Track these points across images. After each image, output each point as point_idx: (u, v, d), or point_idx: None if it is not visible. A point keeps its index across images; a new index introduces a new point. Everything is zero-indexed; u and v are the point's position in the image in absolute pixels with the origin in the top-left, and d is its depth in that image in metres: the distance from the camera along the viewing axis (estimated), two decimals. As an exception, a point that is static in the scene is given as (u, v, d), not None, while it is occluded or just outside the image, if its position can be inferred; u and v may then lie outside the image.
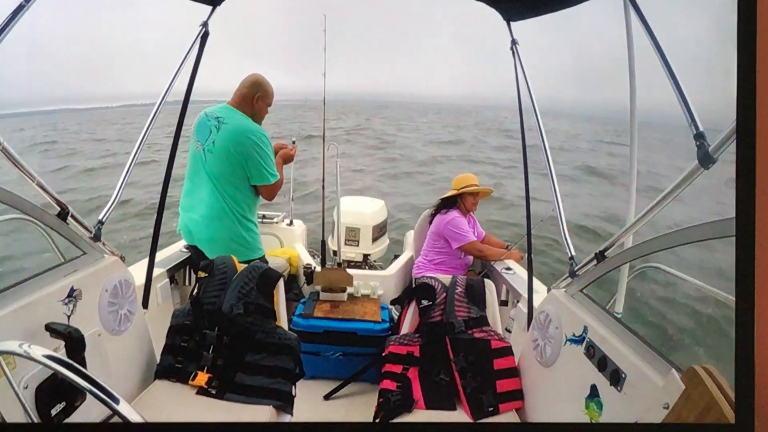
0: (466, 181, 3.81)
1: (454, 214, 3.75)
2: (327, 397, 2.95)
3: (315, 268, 3.64)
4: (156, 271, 2.91)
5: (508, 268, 3.57)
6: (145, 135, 2.47)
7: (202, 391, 2.14)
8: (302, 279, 3.76)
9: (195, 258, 2.95)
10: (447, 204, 3.85)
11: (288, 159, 3.21)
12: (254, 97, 2.84)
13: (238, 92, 2.86)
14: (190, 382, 2.17)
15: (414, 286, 2.63)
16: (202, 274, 2.39)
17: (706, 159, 1.40)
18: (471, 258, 3.93)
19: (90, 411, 1.69)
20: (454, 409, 2.22)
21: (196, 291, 2.36)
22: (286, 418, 2.16)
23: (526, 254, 2.88)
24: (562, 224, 2.39)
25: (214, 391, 2.14)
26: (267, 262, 2.78)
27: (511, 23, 2.80)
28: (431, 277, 2.54)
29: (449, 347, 2.34)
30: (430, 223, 3.92)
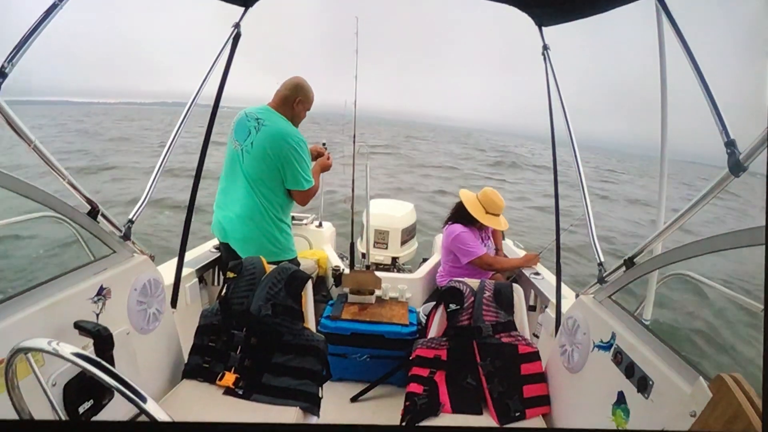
0: (490, 206, 3.54)
1: (459, 229, 3.54)
2: (354, 399, 2.96)
3: (343, 270, 3.65)
4: (185, 271, 2.95)
5: (537, 273, 3.53)
6: (176, 135, 2.47)
7: (229, 392, 2.17)
8: (331, 281, 3.78)
9: (225, 256, 2.97)
10: (459, 216, 3.64)
11: (326, 168, 3.20)
12: (295, 100, 2.86)
13: (280, 94, 2.87)
14: (217, 382, 2.20)
15: (442, 290, 2.61)
16: (231, 275, 2.42)
17: (736, 167, 1.39)
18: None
19: (117, 409, 1.72)
20: (480, 413, 2.22)
21: (224, 291, 2.40)
22: (313, 420, 2.18)
23: (555, 259, 2.84)
24: (591, 230, 2.37)
25: (241, 392, 2.17)
26: (299, 264, 2.80)
27: (543, 28, 2.79)
28: (459, 281, 2.53)
29: (476, 351, 2.34)
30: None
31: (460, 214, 3.61)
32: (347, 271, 3.60)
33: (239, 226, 2.84)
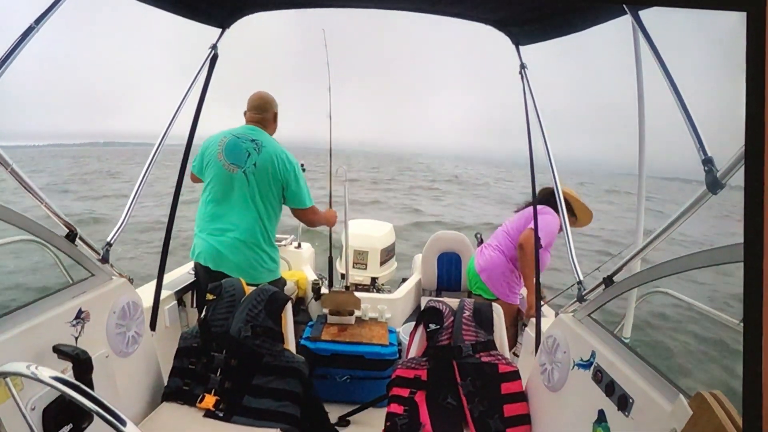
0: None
1: (557, 218, 3.09)
2: (342, 419, 2.92)
3: (324, 281, 3.66)
4: (164, 293, 2.91)
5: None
6: (151, 162, 2.45)
7: (209, 414, 2.14)
8: (310, 297, 3.76)
9: (203, 279, 2.95)
10: (553, 205, 3.13)
11: (330, 220, 3.31)
12: (275, 114, 2.93)
13: (259, 114, 2.89)
14: (197, 404, 2.17)
15: (423, 309, 2.60)
16: (210, 297, 2.40)
17: (714, 184, 1.41)
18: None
19: None
20: None
21: (204, 313, 2.37)
22: None
23: (534, 279, 2.86)
24: (570, 249, 2.39)
25: (221, 414, 2.14)
26: (285, 283, 2.79)
27: (520, 47, 2.83)
28: (439, 301, 2.54)
29: (456, 371, 2.33)
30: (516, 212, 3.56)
31: (553, 204, 3.14)
32: (325, 291, 3.59)
33: (238, 251, 2.80)
